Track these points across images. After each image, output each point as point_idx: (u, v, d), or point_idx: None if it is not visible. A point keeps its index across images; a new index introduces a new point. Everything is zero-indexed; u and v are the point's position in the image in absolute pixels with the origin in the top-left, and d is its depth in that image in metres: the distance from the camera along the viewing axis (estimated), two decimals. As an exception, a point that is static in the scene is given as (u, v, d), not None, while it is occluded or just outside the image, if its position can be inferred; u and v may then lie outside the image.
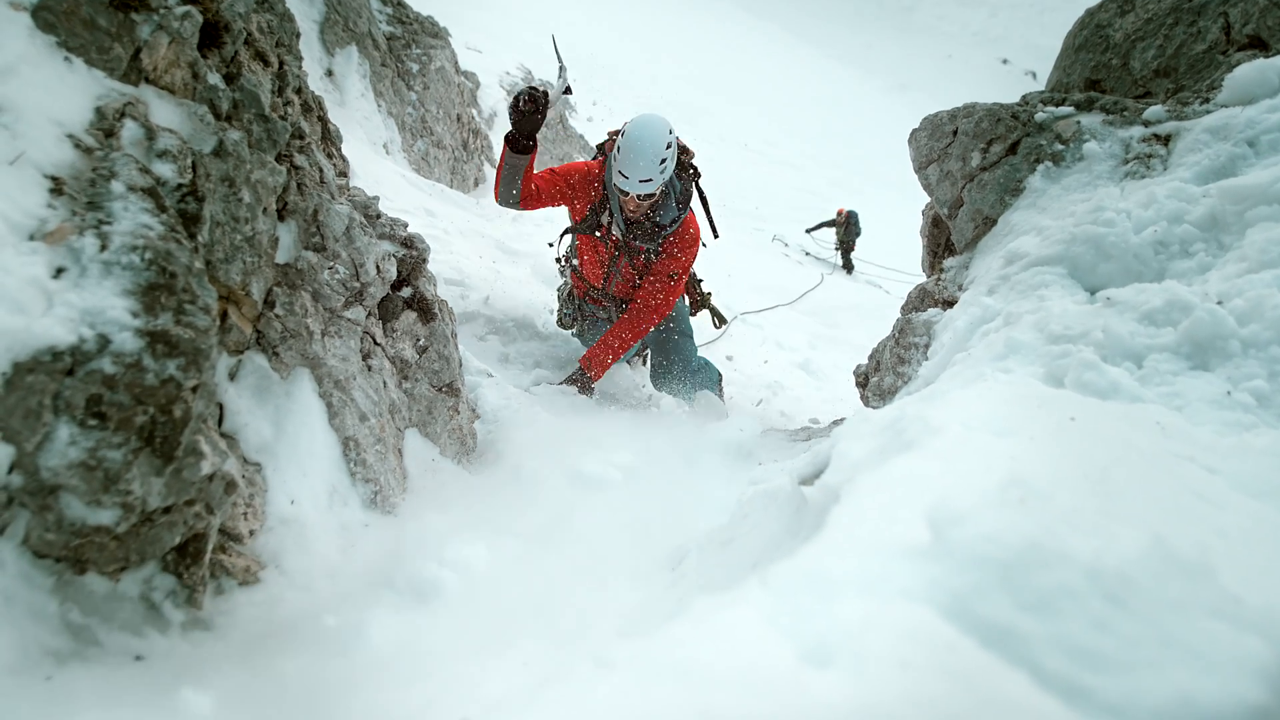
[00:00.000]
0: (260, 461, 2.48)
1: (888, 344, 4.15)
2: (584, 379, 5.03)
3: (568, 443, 4.06)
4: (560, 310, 5.89)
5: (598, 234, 5.17)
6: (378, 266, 3.21)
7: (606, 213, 5.09)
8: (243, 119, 2.64)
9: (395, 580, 2.52)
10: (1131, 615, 0.98)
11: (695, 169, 5.25)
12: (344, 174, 3.72)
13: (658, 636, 1.05)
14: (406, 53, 11.69)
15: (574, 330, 5.93)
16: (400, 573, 2.57)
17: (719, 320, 6.01)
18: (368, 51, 10.32)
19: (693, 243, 5.14)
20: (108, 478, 1.70)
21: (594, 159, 5.35)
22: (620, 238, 5.11)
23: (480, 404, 4.29)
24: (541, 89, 4.53)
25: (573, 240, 5.58)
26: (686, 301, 5.88)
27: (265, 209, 2.61)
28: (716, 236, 5.51)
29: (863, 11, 77.22)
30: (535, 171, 4.93)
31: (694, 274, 5.80)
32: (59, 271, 1.77)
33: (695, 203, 5.34)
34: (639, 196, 4.73)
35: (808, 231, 23.43)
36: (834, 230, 22.82)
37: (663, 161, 4.60)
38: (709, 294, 5.98)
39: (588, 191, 5.07)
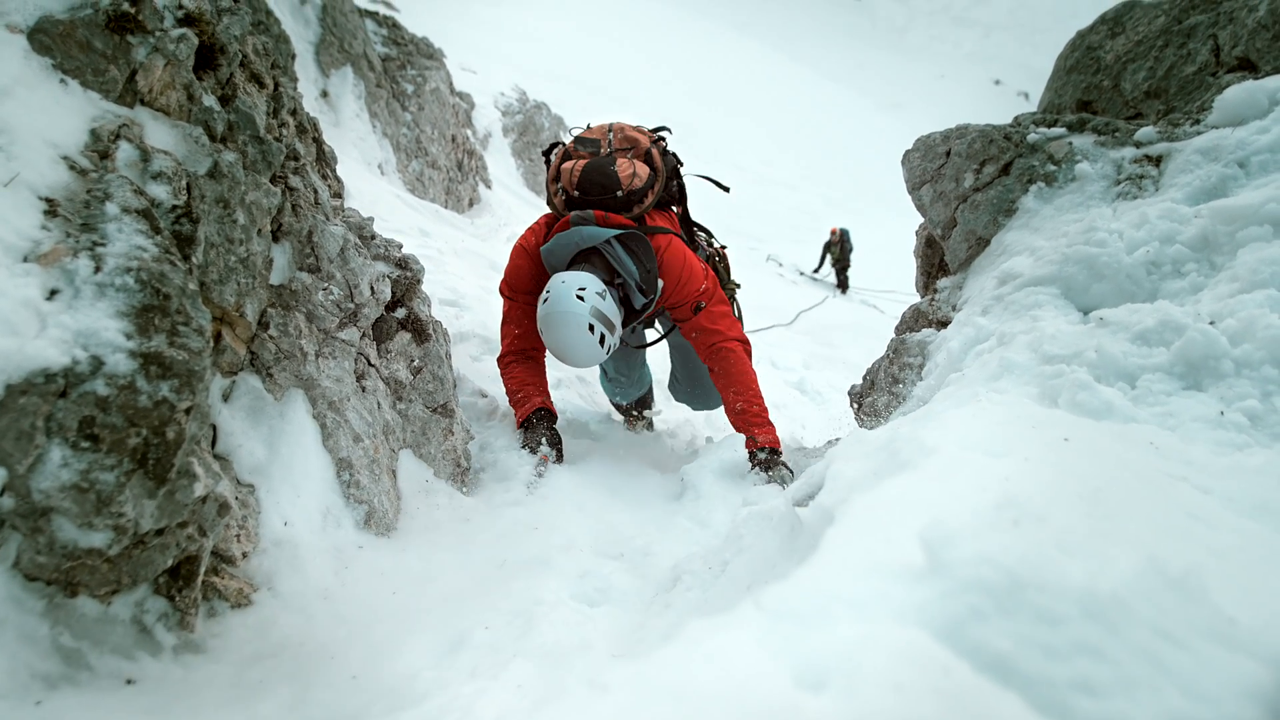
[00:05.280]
0: (253, 483, 2.47)
1: (882, 364, 4.15)
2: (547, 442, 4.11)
3: (565, 466, 4.06)
4: None
5: None
6: (372, 287, 3.21)
7: None
8: (238, 140, 2.65)
9: (388, 603, 2.51)
10: (1125, 637, 0.98)
11: (679, 181, 4.67)
12: (339, 195, 3.73)
13: (652, 659, 1.05)
14: (401, 74, 11.74)
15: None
16: (394, 597, 2.56)
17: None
18: (363, 73, 10.36)
19: (680, 277, 4.21)
20: (100, 500, 1.69)
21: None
22: None
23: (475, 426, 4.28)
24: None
25: None
26: None
27: (260, 230, 2.62)
28: (727, 190, 4.84)
29: (856, 31, 77.71)
30: (516, 328, 4.36)
31: (726, 268, 5.03)
32: (53, 293, 1.77)
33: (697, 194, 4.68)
34: None
35: (816, 271, 23.38)
36: (828, 250, 22.91)
37: (602, 340, 3.90)
38: (737, 285, 5.06)
39: (538, 274, 4.30)
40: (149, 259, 1.92)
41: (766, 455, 4.02)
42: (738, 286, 5.04)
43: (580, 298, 3.83)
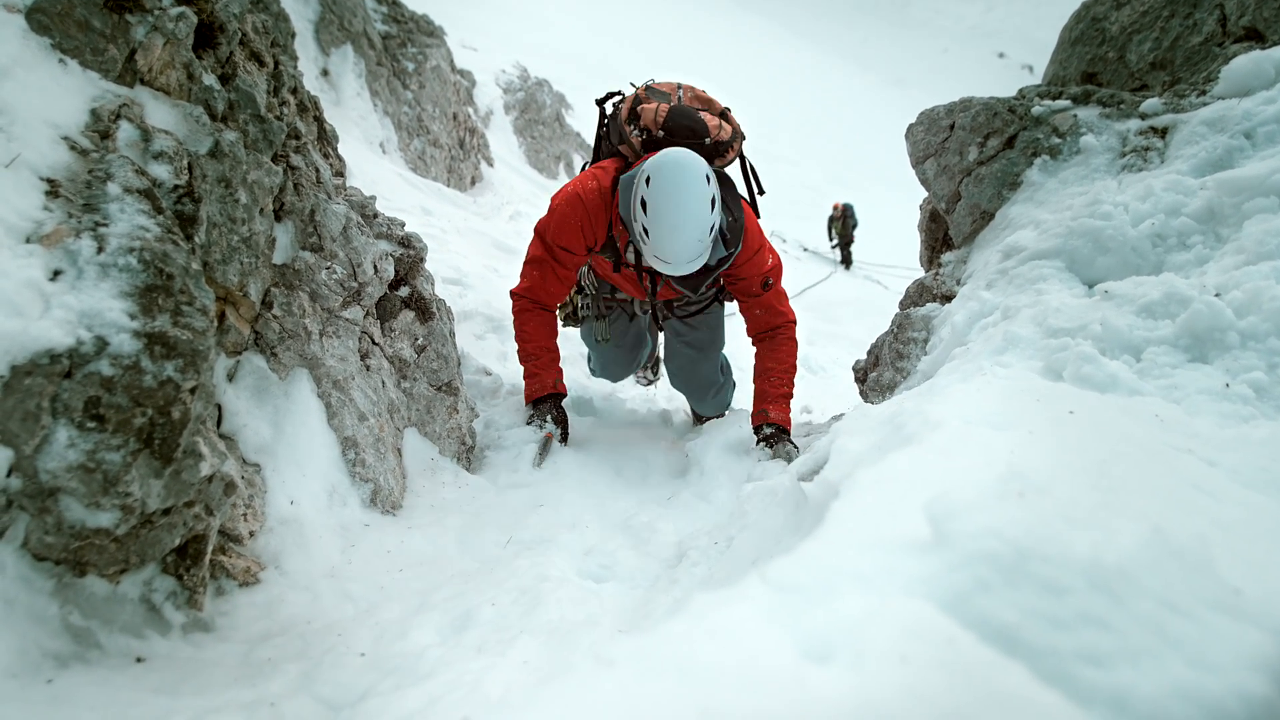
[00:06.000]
0: (259, 462, 2.48)
1: (886, 339, 4.14)
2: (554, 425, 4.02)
3: (570, 443, 4.06)
4: (576, 305, 4.78)
5: (623, 267, 4.06)
6: (375, 266, 3.21)
7: (629, 248, 3.96)
8: (239, 119, 2.64)
9: (395, 581, 2.52)
10: (1131, 608, 0.98)
11: (743, 157, 4.24)
12: (341, 174, 3.72)
13: (658, 633, 1.05)
14: (402, 51, 11.69)
15: (589, 328, 4.65)
16: (400, 574, 2.57)
17: None
18: (363, 51, 10.31)
19: (760, 247, 4.00)
20: (107, 480, 1.70)
21: (591, 165, 4.19)
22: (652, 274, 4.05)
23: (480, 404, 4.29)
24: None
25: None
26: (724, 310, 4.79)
27: (262, 209, 2.61)
28: (763, 193, 4.36)
29: (859, 6, 77.19)
30: (543, 282, 4.01)
31: None
32: (56, 274, 1.77)
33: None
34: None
35: (833, 249, 23.34)
36: (832, 225, 22.89)
37: (712, 229, 3.51)
38: None
39: (593, 226, 3.87)
40: (152, 239, 1.92)
41: (773, 431, 3.95)
42: None
43: (707, 178, 3.49)
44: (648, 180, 3.44)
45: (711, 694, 0.90)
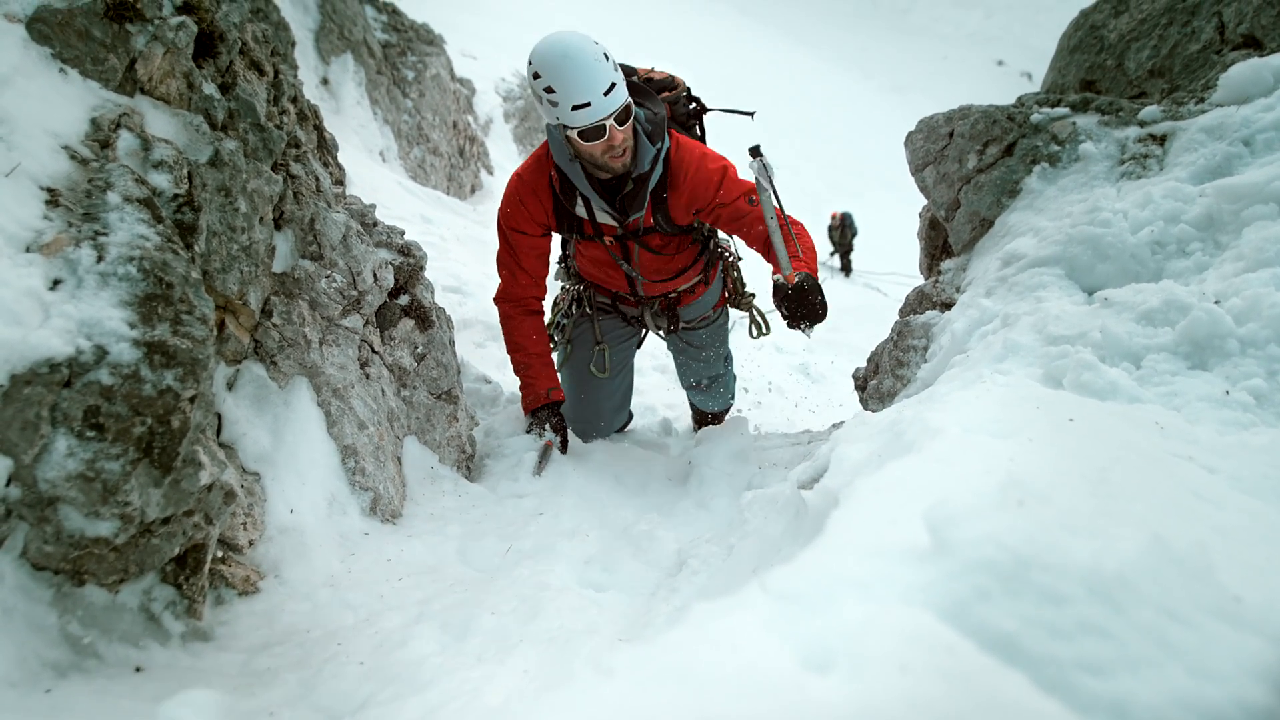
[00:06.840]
0: (259, 471, 2.48)
1: (886, 347, 4.14)
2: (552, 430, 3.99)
3: (569, 452, 4.06)
4: (555, 320, 4.53)
5: (586, 234, 3.97)
6: (375, 274, 3.21)
7: (578, 201, 3.81)
8: (239, 128, 2.65)
9: (395, 590, 2.52)
10: (1131, 616, 0.98)
11: (696, 102, 4.20)
12: (340, 182, 3.72)
13: (658, 642, 1.05)
14: (402, 60, 11.70)
15: (563, 351, 4.51)
16: (400, 583, 2.57)
17: (759, 328, 4.65)
18: (363, 59, 10.33)
19: (724, 167, 3.82)
20: (106, 489, 1.70)
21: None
22: (617, 224, 3.85)
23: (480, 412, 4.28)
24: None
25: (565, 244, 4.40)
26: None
27: (262, 218, 2.62)
28: (751, 114, 4.21)
29: (859, 12, 77.30)
30: (519, 269, 4.00)
31: (739, 275, 4.67)
32: (55, 283, 1.77)
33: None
34: (616, 121, 3.38)
35: (831, 255, 23.29)
36: (830, 234, 22.88)
37: (608, 59, 3.36)
38: (753, 295, 4.72)
39: (536, 196, 3.84)
40: (151, 248, 1.92)
41: (800, 282, 3.44)
42: (753, 296, 4.70)
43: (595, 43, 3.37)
44: (531, 61, 3.36)
45: (711, 702, 0.90)
